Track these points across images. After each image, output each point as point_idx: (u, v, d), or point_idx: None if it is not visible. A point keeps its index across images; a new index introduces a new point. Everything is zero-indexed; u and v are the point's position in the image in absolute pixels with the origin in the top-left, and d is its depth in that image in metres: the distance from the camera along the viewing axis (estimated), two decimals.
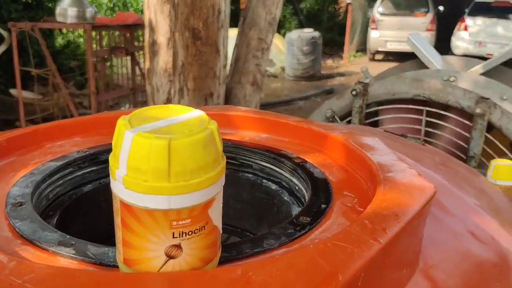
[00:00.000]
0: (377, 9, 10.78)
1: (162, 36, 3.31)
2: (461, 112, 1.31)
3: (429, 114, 1.41)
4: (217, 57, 3.00)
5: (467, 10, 10.47)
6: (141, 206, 0.36)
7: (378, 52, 10.84)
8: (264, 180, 0.76)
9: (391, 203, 0.51)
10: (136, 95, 5.42)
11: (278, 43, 9.77)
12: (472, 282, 0.62)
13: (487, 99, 1.24)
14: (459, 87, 1.31)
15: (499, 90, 1.51)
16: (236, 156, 0.79)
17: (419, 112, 1.38)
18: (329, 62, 10.79)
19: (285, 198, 0.70)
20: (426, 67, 1.72)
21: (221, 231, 0.42)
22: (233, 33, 4.35)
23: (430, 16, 10.52)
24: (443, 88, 1.29)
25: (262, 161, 0.77)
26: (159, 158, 0.34)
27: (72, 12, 4.66)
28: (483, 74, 1.65)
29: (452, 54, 10.21)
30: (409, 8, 10.81)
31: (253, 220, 0.79)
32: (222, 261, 0.45)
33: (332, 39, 12.52)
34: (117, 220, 0.38)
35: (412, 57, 2.20)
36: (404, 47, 8.99)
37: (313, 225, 0.52)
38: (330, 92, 7.54)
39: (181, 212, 0.36)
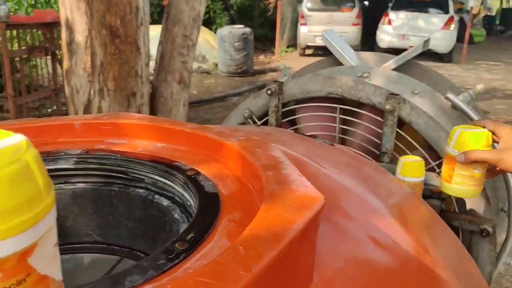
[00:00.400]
0: (306, 5, 10.96)
1: (79, 35, 3.13)
2: (373, 108, 1.32)
3: (344, 111, 1.40)
4: (138, 56, 2.87)
5: (390, 5, 10.91)
6: None
7: (308, 47, 11.03)
8: (156, 196, 0.70)
9: (273, 220, 0.47)
10: (59, 96, 5.14)
11: (210, 39, 9.68)
12: None
13: (397, 95, 1.25)
14: (370, 84, 1.31)
15: (411, 85, 1.54)
16: (126, 170, 0.72)
17: (334, 109, 1.38)
18: (262, 57, 10.83)
19: (176, 215, 0.65)
20: (342, 64, 1.73)
21: (58, 278, 0.35)
22: (157, 30, 4.22)
23: (356, 11, 10.84)
24: (354, 85, 1.29)
25: (155, 174, 0.70)
26: None
27: None
28: (395, 69, 1.69)
29: (378, 47, 10.62)
30: (336, 3, 11.09)
31: (148, 239, 0.72)
32: None
33: (264, 35, 12.59)
34: None
35: None
36: None
37: (190, 252, 0.47)
38: (262, 87, 7.56)
39: None
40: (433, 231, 0.87)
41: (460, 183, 0.96)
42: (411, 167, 1.05)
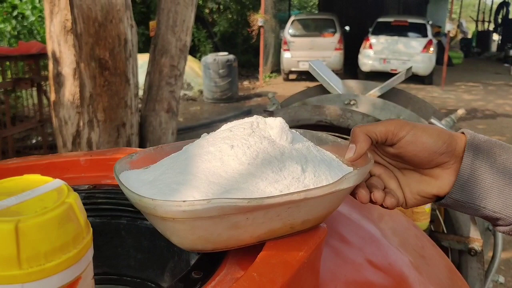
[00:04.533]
0: (288, 31, 11.19)
1: (67, 67, 3.17)
2: None
3: None
4: (127, 87, 2.92)
5: (370, 29, 11.21)
6: None
7: (291, 72, 11.22)
8: None
9: (281, 249, 0.51)
10: (45, 127, 5.13)
11: (194, 66, 9.79)
12: None
13: None
14: (358, 112, 1.37)
15: (396, 111, 1.61)
16: None
17: None
18: (246, 83, 10.97)
19: None
20: (329, 92, 1.80)
21: None
22: (143, 59, 4.27)
23: (337, 36, 11.09)
24: (342, 113, 1.35)
25: None
26: (6, 244, 0.31)
27: None
28: (380, 96, 1.76)
29: (361, 70, 10.86)
30: (318, 29, 11.34)
31: (157, 270, 0.75)
32: None
33: (247, 61, 12.78)
34: None
35: None
36: None
37: (206, 280, 0.50)
38: (248, 113, 7.65)
39: None
40: (425, 252, 0.91)
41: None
42: None
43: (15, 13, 9.21)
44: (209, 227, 0.46)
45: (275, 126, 0.55)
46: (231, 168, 0.50)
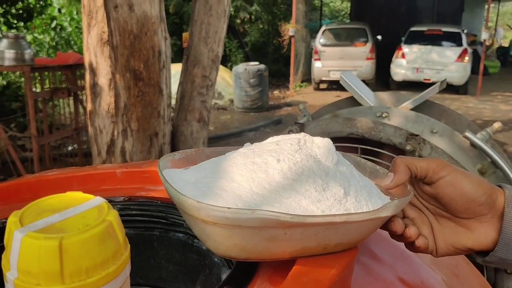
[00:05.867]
0: (319, 41, 11.17)
1: (103, 78, 3.27)
2: (394, 148, 1.36)
3: (365, 151, 1.44)
4: (160, 97, 2.98)
5: (403, 39, 11.06)
6: None
7: (322, 81, 11.18)
8: (195, 240, 0.74)
9: (312, 266, 0.51)
10: (81, 135, 5.28)
11: (225, 76, 9.89)
12: None
13: (417, 135, 1.30)
14: (390, 125, 1.36)
15: (429, 124, 1.58)
16: (166, 216, 0.77)
17: (355, 150, 1.42)
18: (276, 93, 11.00)
19: (216, 259, 0.69)
20: (360, 104, 1.79)
21: None
22: (176, 69, 4.34)
23: (369, 45, 11.00)
24: (374, 126, 1.34)
25: None
26: (50, 260, 0.32)
27: (9, 54, 4.54)
28: (413, 109, 1.74)
29: (393, 80, 10.72)
30: (349, 38, 11.28)
31: (188, 282, 0.76)
32: None
33: (278, 71, 12.82)
34: None
35: None
36: None
37: None
38: (278, 123, 7.66)
39: None
40: (458, 270, 0.89)
41: None
42: None
43: (53, 25, 9.55)
44: (247, 236, 0.47)
45: (322, 146, 0.56)
46: (275, 181, 0.50)
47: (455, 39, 10.54)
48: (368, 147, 1.41)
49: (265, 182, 0.50)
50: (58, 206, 0.37)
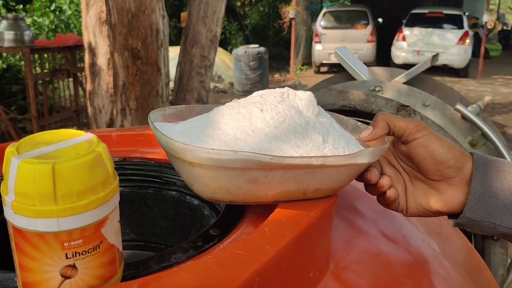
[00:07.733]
0: (320, 23, 11.12)
1: (101, 57, 3.28)
2: None
3: None
4: (158, 76, 3.00)
5: (404, 21, 11.00)
6: (32, 230, 0.37)
7: (322, 64, 11.15)
8: (187, 197, 0.78)
9: (293, 210, 0.55)
10: (81, 116, 5.31)
11: (225, 59, 9.87)
12: (382, 280, 0.66)
13: (407, 106, 1.32)
14: (381, 96, 1.38)
15: (421, 97, 1.61)
16: (159, 175, 0.80)
17: None
18: (277, 76, 10.98)
19: (206, 212, 0.72)
20: (354, 79, 1.81)
21: (120, 249, 0.43)
22: (175, 51, 4.35)
23: (370, 28, 10.95)
24: (366, 98, 1.37)
25: None
26: (44, 182, 0.35)
27: (9, 35, 4.54)
28: (406, 82, 1.76)
29: (393, 63, 10.68)
30: (350, 21, 11.22)
31: (180, 237, 0.80)
32: (128, 278, 0.46)
33: (278, 54, 12.77)
34: (12, 245, 0.39)
35: None
36: None
37: (223, 236, 0.55)
38: None
39: (72, 233, 0.37)
40: (442, 230, 0.93)
41: None
42: None
43: (52, 7, 9.49)
44: (231, 178, 0.50)
45: (304, 98, 0.59)
46: (258, 129, 0.53)
47: (456, 21, 10.49)
48: (361, 119, 1.43)
49: (248, 129, 0.53)
50: (52, 140, 0.40)
